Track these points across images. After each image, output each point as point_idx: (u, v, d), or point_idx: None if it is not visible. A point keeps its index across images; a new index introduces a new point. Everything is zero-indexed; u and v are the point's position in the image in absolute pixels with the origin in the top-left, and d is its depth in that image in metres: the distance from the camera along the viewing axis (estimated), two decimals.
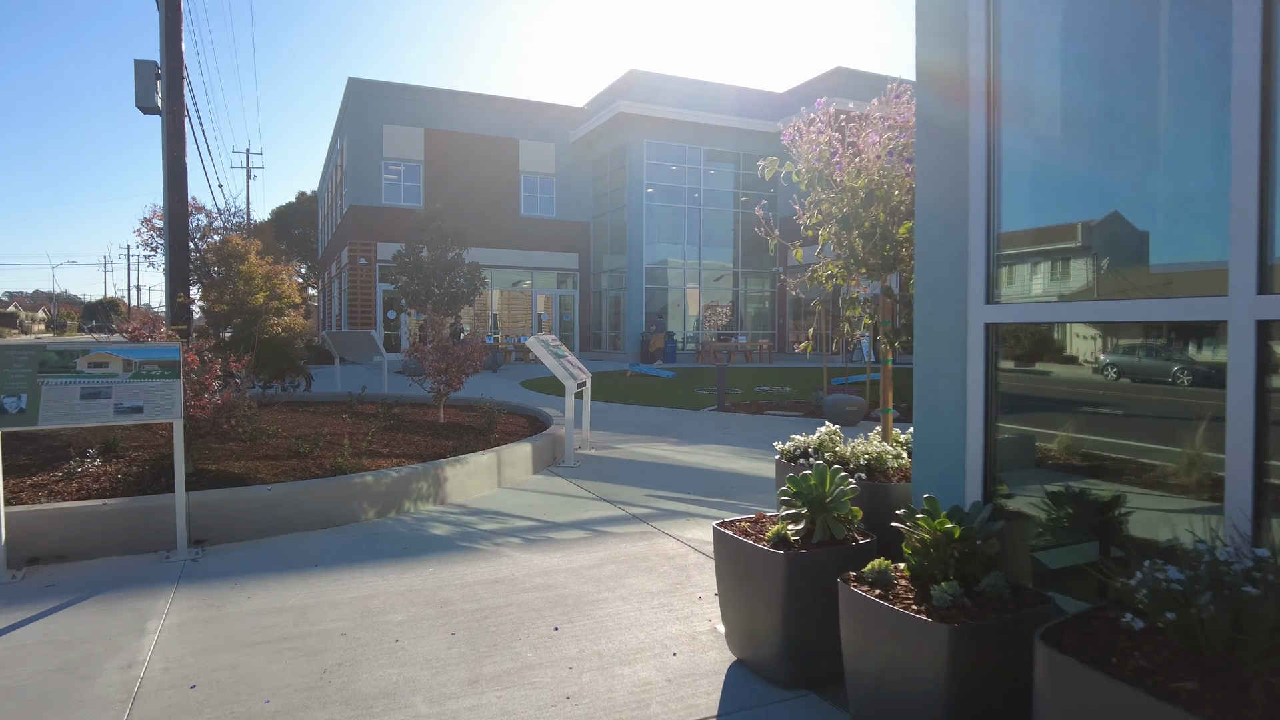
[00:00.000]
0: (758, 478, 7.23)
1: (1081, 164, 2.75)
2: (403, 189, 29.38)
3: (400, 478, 5.78)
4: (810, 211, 4.12)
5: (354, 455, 6.63)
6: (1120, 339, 2.67)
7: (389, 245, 26.01)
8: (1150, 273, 2.49)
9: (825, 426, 4.06)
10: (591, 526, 5.38)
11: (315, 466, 6.37)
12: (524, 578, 4.26)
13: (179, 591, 4.04)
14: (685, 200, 30.35)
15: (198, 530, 4.87)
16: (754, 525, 3.27)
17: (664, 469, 7.69)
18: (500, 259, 30.18)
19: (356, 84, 28.98)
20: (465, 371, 8.97)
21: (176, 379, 4.79)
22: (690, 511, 5.83)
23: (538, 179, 31.64)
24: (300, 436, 7.64)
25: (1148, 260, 2.52)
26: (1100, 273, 2.65)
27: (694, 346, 30.13)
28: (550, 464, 7.73)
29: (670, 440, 9.55)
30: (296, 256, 62.49)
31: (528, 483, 6.88)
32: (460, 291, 22.34)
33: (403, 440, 7.78)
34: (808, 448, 3.95)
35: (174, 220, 10.76)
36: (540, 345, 8.03)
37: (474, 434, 8.28)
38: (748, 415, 12.32)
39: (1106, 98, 2.65)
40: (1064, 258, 2.77)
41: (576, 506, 5.98)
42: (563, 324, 32.77)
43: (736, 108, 30.43)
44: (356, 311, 28.70)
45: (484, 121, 30.40)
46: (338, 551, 4.76)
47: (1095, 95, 2.70)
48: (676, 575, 4.30)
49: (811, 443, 3.96)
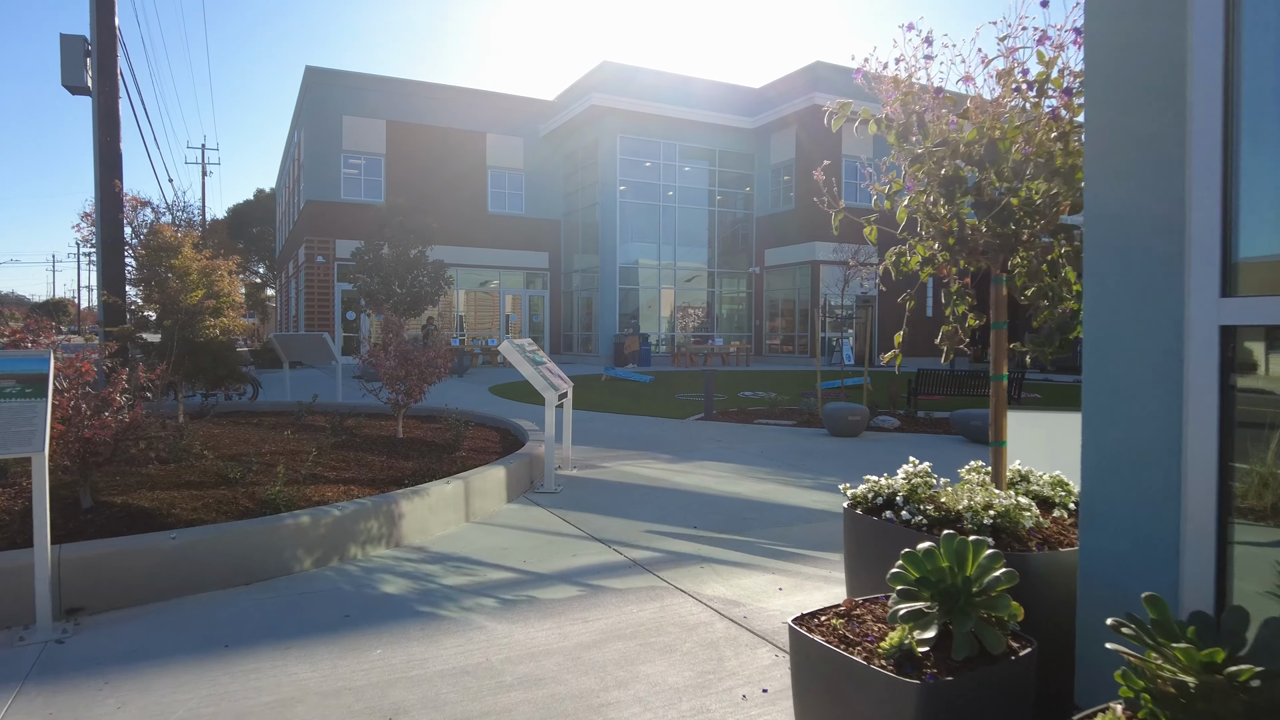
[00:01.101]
0: (769, 504, 6.22)
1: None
2: (363, 184, 27.95)
3: (344, 516, 4.66)
4: (888, 177, 3.10)
5: (293, 482, 5.51)
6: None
7: (348, 243, 24.61)
8: None
9: (909, 464, 3.05)
10: (584, 579, 4.31)
11: (246, 497, 5.24)
12: (503, 665, 3.19)
13: (19, 698, 2.90)
14: (659, 198, 29.32)
15: (74, 594, 3.72)
16: (849, 623, 2.25)
17: (660, 494, 6.64)
18: (466, 257, 28.88)
19: (314, 73, 27.51)
20: (428, 380, 7.85)
21: (42, 399, 3.64)
22: (702, 555, 4.79)
23: (506, 174, 30.40)
24: (234, 457, 6.49)
25: None
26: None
27: (668, 349, 29.12)
28: (527, 489, 6.65)
29: (661, 456, 8.51)
30: (255, 256, 60.46)
31: (501, 515, 5.79)
32: (424, 291, 21.08)
33: (354, 461, 6.66)
34: (892, 494, 2.93)
35: (107, 212, 9.52)
36: (515, 351, 6.95)
37: (437, 452, 7.17)
38: (738, 425, 11.33)
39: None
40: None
41: (563, 549, 4.91)
42: (532, 326, 31.55)
43: (712, 102, 29.50)
44: (314, 312, 27.21)
45: (449, 114, 29.08)
46: (258, 622, 3.64)
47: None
48: (705, 658, 3.26)
49: (897, 487, 2.94)
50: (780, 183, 29.62)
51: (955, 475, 3.37)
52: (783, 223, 29.11)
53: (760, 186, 30.64)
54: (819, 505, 6.21)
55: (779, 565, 4.58)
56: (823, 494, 6.66)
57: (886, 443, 9.77)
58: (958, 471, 3.26)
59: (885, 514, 2.82)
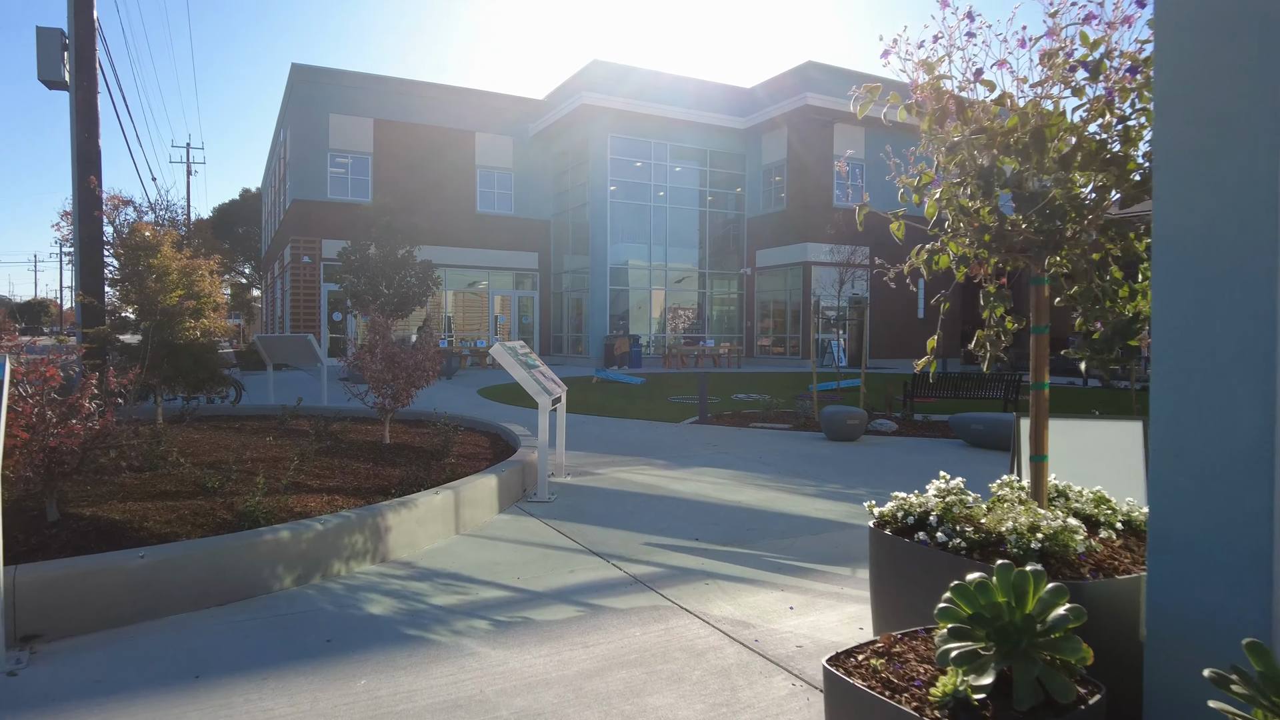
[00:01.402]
0: (772, 514, 5.99)
1: None
2: (350, 183, 27.55)
3: (327, 530, 4.39)
4: (916, 169, 2.86)
5: (274, 492, 5.24)
6: None
7: (335, 243, 24.21)
8: None
9: (941, 479, 2.82)
10: (582, 598, 4.06)
11: (224, 508, 4.97)
12: (498, 698, 2.94)
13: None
14: (650, 198, 29.07)
15: (31, 619, 3.44)
16: (890, 663, 2.00)
17: (657, 502, 6.40)
18: (455, 258, 28.54)
19: (301, 71, 27.10)
20: (416, 384, 7.57)
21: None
22: (707, 570, 4.55)
23: (495, 174, 30.07)
24: (212, 465, 6.21)
25: None
26: None
27: (658, 350, 28.88)
28: (519, 498, 6.38)
29: (657, 462, 8.27)
30: (240, 256, 59.80)
31: (493, 526, 5.53)
32: (411, 292, 20.76)
33: (338, 468, 6.38)
34: (924, 513, 2.69)
35: (85, 211, 9.20)
36: (507, 354, 6.68)
37: (425, 458, 6.90)
38: (733, 429, 11.10)
39: None
40: None
41: (559, 564, 4.65)
42: (521, 327, 31.23)
43: (703, 102, 29.28)
44: (300, 313, 26.80)
45: (438, 113, 28.73)
46: (233, 650, 3.37)
47: None
48: (717, 688, 3.02)
49: (929, 505, 2.70)
50: (771, 183, 29.44)
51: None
52: (774, 223, 28.93)
53: (751, 187, 30.45)
54: (823, 515, 5.98)
55: (788, 581, 4.34)
56: (826, 502, 6.43)
57: (885, 447, 9.57)
58: (988, 486, 3.02)
59: (918, 535, 2.58)
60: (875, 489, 6.98)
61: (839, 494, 6.81)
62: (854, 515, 5.93)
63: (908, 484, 7.31)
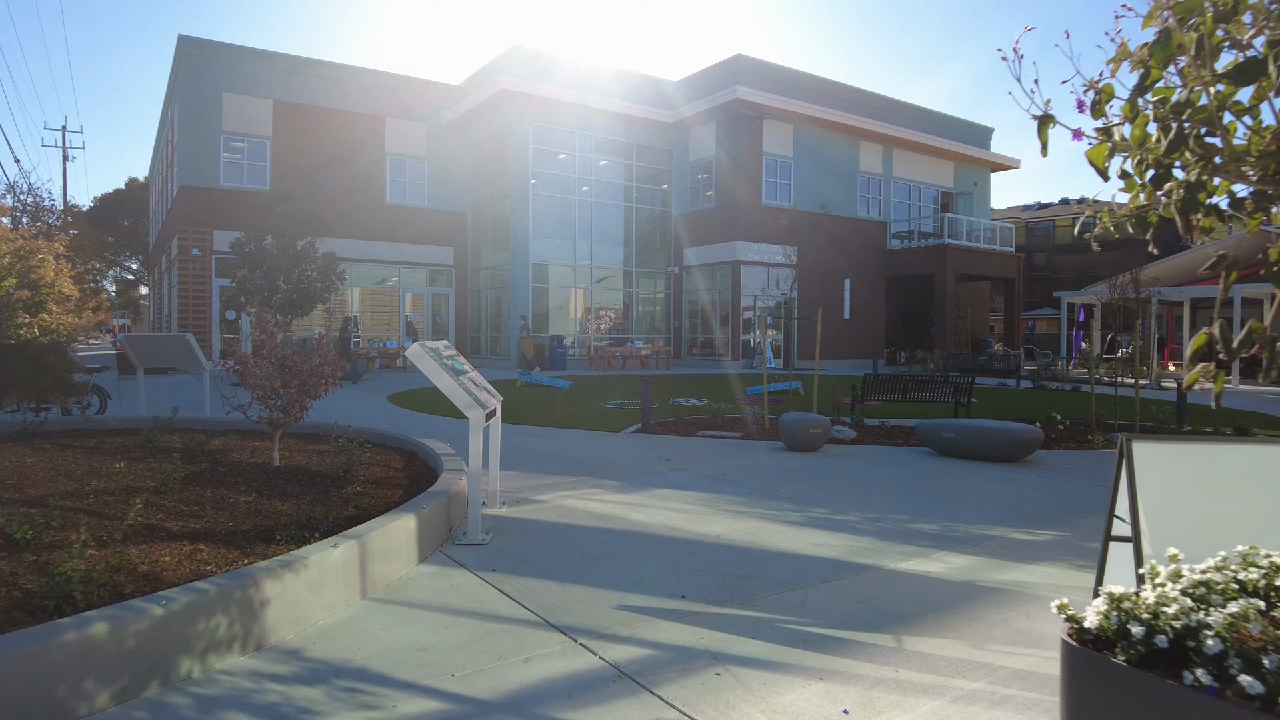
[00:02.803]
0: (762, 552, 4.87)
1: None
2: (246, 169, 25.19)
3: (172, 615, 3.02)
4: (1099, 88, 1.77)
5: (108, 544, 3.84)
6: None
7: (228, 234, 21.94)
8: None
9: (1172, 558, 1.72)
10: (549, 711, 2.82)
11: (32, 570, 3.60)
12: None
13: None
14: (574, 192, 27.73)
15: None
16: None
17: (619, 540, 5.20)
18: (362, 251, 26.50)
19: (189, 44, 24.58)
20: (312, 394, 6.15)
21: None
22: (710, 648, 3.37)
23: (407, 162, 28.13)
24: (35, 502, 4.71)
25: None
26: None
27: (584, 351, 27.60)
28: (444, 539, 5.07)
29: (607, 483, 7.05)
30: (126, 251, 55.29)
31: (412, 585, 4.22)
32: (313, 288, 18.87)
33: (211, 502, 4.96)
34: (1188, 630, 1.57)
35: None
36: (428, 356, 5.35)
37: (324, 486, 5.52)
38: (682, 438, 9.98)
39: None
40: None
41: (507, 646, 3.39)
42: (435, 327, 29.39)
43: (630, 93, 28.14)
44: (189, 311, 24.31)
45: (344, 95, 26.64)
46: None
47: None
48: None
49: (1188, 609, 1.59)
50: (700, 180, 28.57)
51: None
52: (703, 221, 28.05)
53: (679, 183, 29.49)
54: (823, 552, 4.91)
55: (823, 663, 3.22)
56: (820, 534, 5.37)
57: (853, 458, 8.63)
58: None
59: (1192, 675, 1.48)
60: (869, 514, 5.97)
61: (829, 521, 5.77)
62: (858, 552, 4.89)
63: (906, 507, 6.30)
